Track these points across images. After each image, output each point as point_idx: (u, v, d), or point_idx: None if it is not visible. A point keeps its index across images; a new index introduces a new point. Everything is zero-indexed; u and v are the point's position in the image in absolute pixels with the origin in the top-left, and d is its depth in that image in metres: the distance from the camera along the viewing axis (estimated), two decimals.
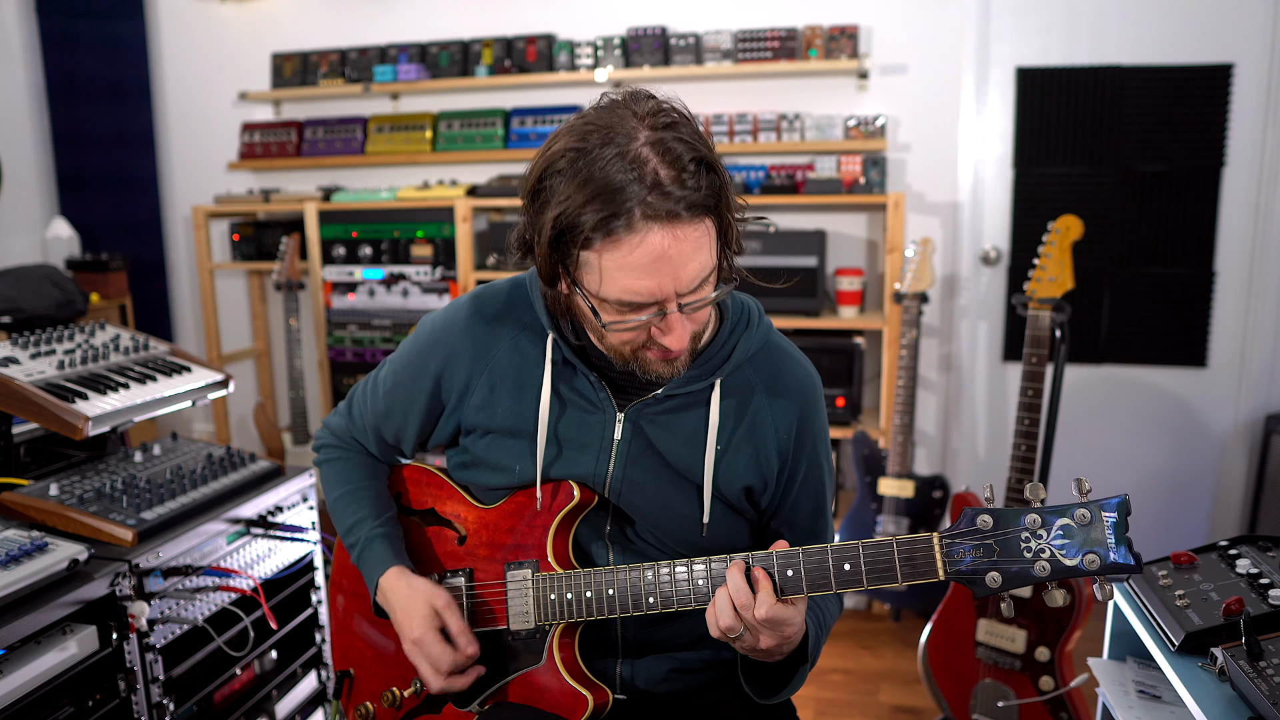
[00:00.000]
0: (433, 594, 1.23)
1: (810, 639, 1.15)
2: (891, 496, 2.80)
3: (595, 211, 0.99)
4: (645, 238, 0.99)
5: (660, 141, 1.00)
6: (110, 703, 1.43)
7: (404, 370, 1.31)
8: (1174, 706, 1.30)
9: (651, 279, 1.01)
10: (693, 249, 1.02)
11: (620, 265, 1.01)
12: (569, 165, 1.01)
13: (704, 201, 1.01)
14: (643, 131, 1.01)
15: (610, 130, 1.01)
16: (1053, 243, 2.22)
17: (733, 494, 1.21)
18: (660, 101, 1.05)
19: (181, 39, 3.83)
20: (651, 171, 0.99)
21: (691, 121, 1.06)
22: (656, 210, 0.98)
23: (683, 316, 1.05)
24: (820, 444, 1.26)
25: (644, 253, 1.00)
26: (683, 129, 1.03)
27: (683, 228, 1.00)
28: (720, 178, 1.04)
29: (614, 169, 0.99)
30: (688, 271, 1.02)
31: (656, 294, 1.03)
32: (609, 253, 1.01)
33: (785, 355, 1.25)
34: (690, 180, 1.00)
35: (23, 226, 3.89)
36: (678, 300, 1.04)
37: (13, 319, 3.10)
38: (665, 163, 1.00)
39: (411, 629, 1.21)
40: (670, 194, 0.99)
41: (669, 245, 1.00)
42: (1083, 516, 0.96)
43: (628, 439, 1.20)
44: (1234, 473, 3.15)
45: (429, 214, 3.36)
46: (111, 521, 1.49)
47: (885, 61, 3.20)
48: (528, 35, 3.39)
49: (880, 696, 2.65)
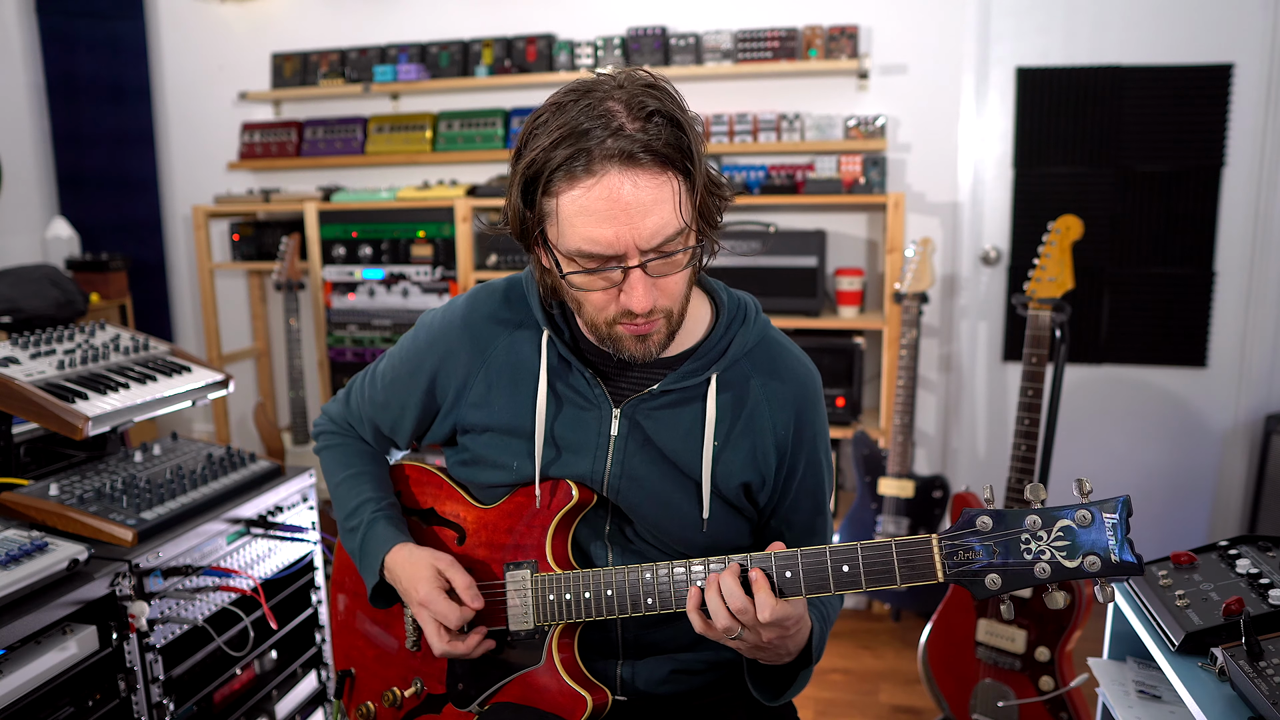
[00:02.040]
0: (436, 555, 1.23)
1: (815, 635, 1.14)
2: (891, 496, 2.80)
3: (558, 153, 1.01)
4: (602, 179, 1.00)
5: (631, 96, 1.03)
6: (110, 703, 1.43)
7: (402, 366, 1.32)
8: (1174, 706, 1.30)
9: (609, 226, 1.01)
10: (652, 199, 1.02)
11: (579, 209, 1.02)
12: (544, 122, 1.05)
13: (665, 151, 1.01)
14: (617, 91, 1.03)
15: (589, 89, 1.04)
16: (1053, 243, 2.22)
17: (731, 491, 1.21)
18: (641, 71, 1.07)
19: (181, 39, 3.83)
20: (618, 119, 1.01)
21: (669, 88, 1.07)
22: (613, 151, 1.00)
23: (645, 277, 1.05)
24: (819, 441, 1.26)
25: (600, 194, 1.01)
26: (657, 90, 1.05)
27: (641, 174, 1.01)
28: (688, 138, 1.04)
29: (582, 118, 1.01)
30: (647, 224, 1.02)
31: (615, 244, 1.02)
32: (567, 194, 1.02)
33: (783, 350, 1.25)
34: (654, 129, 1.01)
35: (23, 226, 3.90)
36: (640, 256, 1.04)
37: (13, 319, 3.10)
38: (631, 114, 1.02)
39: (417, 591, 1.20)
40: (632, 137, 1.00)
41: (626, 190, 1.00)
42: (1083, 518, 0.95)
43: (625, 435, 1.20)
44: (1234, 473, 3.15)
45: (429, 214, 3.36)
46: (111, 521, 1.49)
47: (885, 61, 3.20)
48: (528, 35, 3.39)
49: (880, 696, 2.65)
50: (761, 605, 1.02)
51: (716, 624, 1.05)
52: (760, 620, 1.02)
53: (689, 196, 1.05)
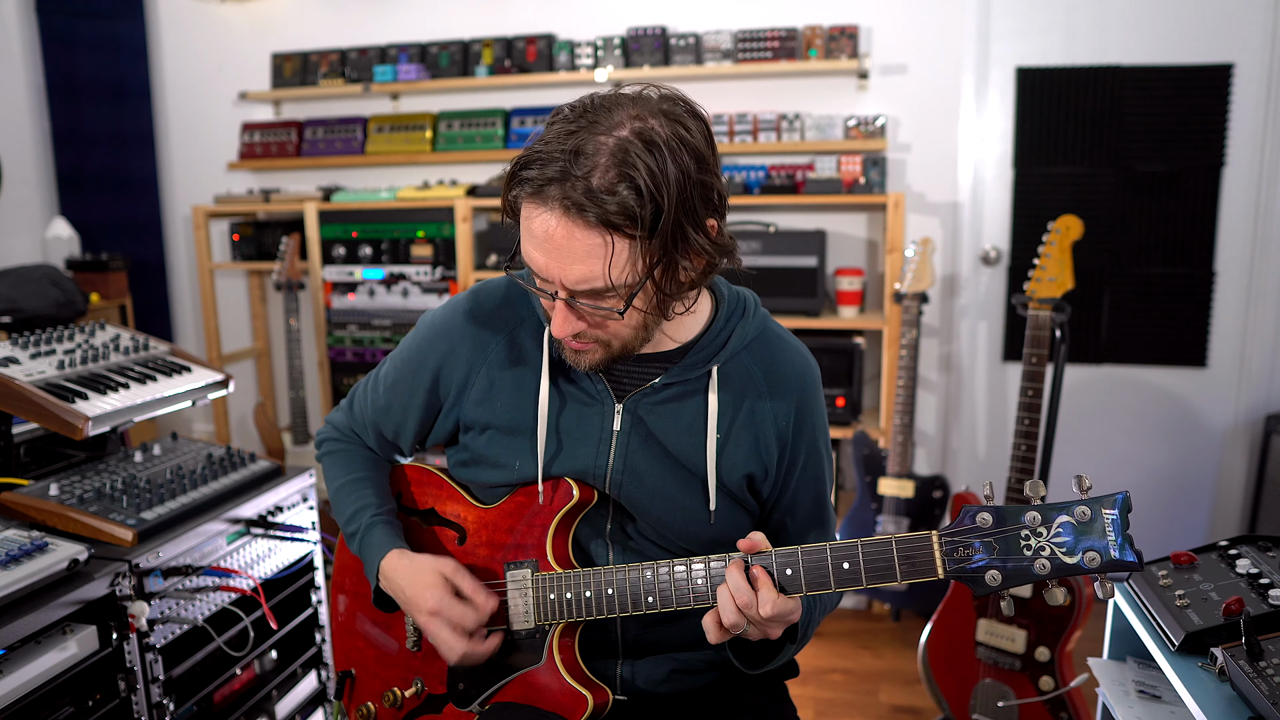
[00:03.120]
0: (438, 561, 1.22)
1: (801, 622, 1.15)
2: (891, 496, 2.80)
3: (530, 169, 1.03)
4: (546, 212, 1.02)
5: (623, 145, 1.00)
6: (110, 703, 1.43)
7: (404, 366, 1.31)
8: (1174, 706, 1.31)
9: (540, 255, 1.05)
10: (582, 252, 1.02)
11: (525, 227, 1.06)
12: (553, 123, 1.06)
13: (614, 220, 0.99)
14: (625, 129, 1.01)
15: (596, 120, 1.03)
16: (1053, 243, 2.22)
17: (734, 483, 1.21)
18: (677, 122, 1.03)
19: (181, 39, 3.83)
20: (591, 166, 1.00)
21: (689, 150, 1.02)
22: (562, 195, 1.00)
23: (564, 308, 1.07)
24: (819, 432, 1.27)
25: (540, 224, 1.03)
26: (659, 151, 1.00)
27: (579, 226, 1.01)
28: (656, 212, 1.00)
29: (568, 144, 1.01)
30: (572, 271, 1.03)
31: (544, 271, 1.06)
32: (522, 207, 1.06)
33: (783, 343, 1.26)
34: (619, 195, 0.99)
35: (23, 226, 3.89)
36: (563, 292, 1.06)
37: (13, 319, 3.10)
38: (609, 166, 1.00)
39: (425, 601, 1.19)
40: (589, 192, 0.99)
41: (559, 233, 1.02)
42: (1083, 514, 0.96)
43: (627, 430, 1.20)
44: (1234, 472, 3.15)
45: (429, 214, 3.36)
46: (111, 521, 1.49)
47: (885, 61, 3.20)
48: (528, 35, 3.39)
49: (880, 696, 2.65)
50: (763, 601, 1.04)
51: (725, 619, 1.06)
52: (761, 615, 1.04)
53: (636, 259, 1.03)
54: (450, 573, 1.21)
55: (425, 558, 1.23)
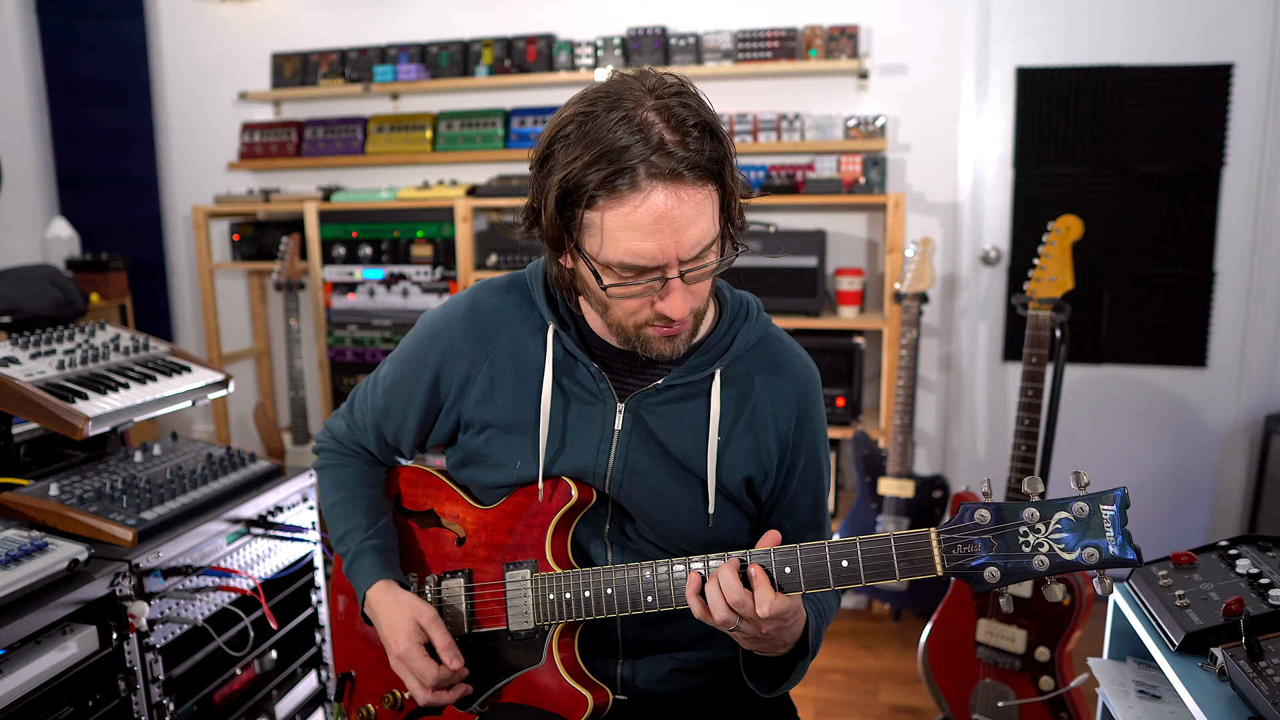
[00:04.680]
0: (418, 609, 1.23)
1: (810, 629, 1.15)
2: (891, 496, 2.80)
3: (599, 170, 1.01)
4: (649, 196, 1.01)
5: (665, 107, 1.02)
6: (110, 703, 1.43)
7: (403, 366, 1.31)
8: (1174, 706, 1.30)
9: (654, 240, 1.02)
10: (695, 212, 1.03)
11: (623, 224, 1.02)
12: (576, 129, 1.04)
13: (707, 165, 1.02)
14: (649, 99, 1.03)
15: (618, 97, 1.03)
16: (1053, 243, 2.22)
17: (733, 485, 1.21)
18: (665, 75, 1.07)
19: (181, 39, 3.83)
20: (657, 134, 1.01)
21: (697, 93, 1.07)
22: (660, 169, 1.00)
23: (683, 284, 1.06)
24: (819, 438, 1.27)
25: (647, 211, 1.01)
26: (688, 97, 1.05)
27: (686, 189, 1.01)
28: (724, 146, 1.05)
29: (620, 131, 1.01)
30: (690, 235, 1.03)
31: (658, 257, 1.04)
32: (612, 211, 1.02)
33: (784, 347, 1.27)
34: (694, 143, 1.02)
35: (23, 226, 3.90)
36: (680, 266, 1.05)
37: (13, 319, 3.10)
38: (670, 126, 1.01)
39: (396, 644, 1.21)
40: (674, 154, 1.00)
41: (672, 205, 1.01)
42: (1081, 510, 0.95)
43: (629, 429, 1.20)
44: (1234, 473, 3.15)
45: (429, 214, 3.36)
46: (111, 521, 1.49)
47: (885, 61, 3.20)
48: (528, 35, 3.39)
49: (880, 696, 2.65)
50: (760, 600, 1.03)
51: (714, 616, 1.06)
52: (759, 615, 1.03)
53: (720, 203, 1.07)
54: (426, 623, 1.21)
55: (407, 599, 1.24)
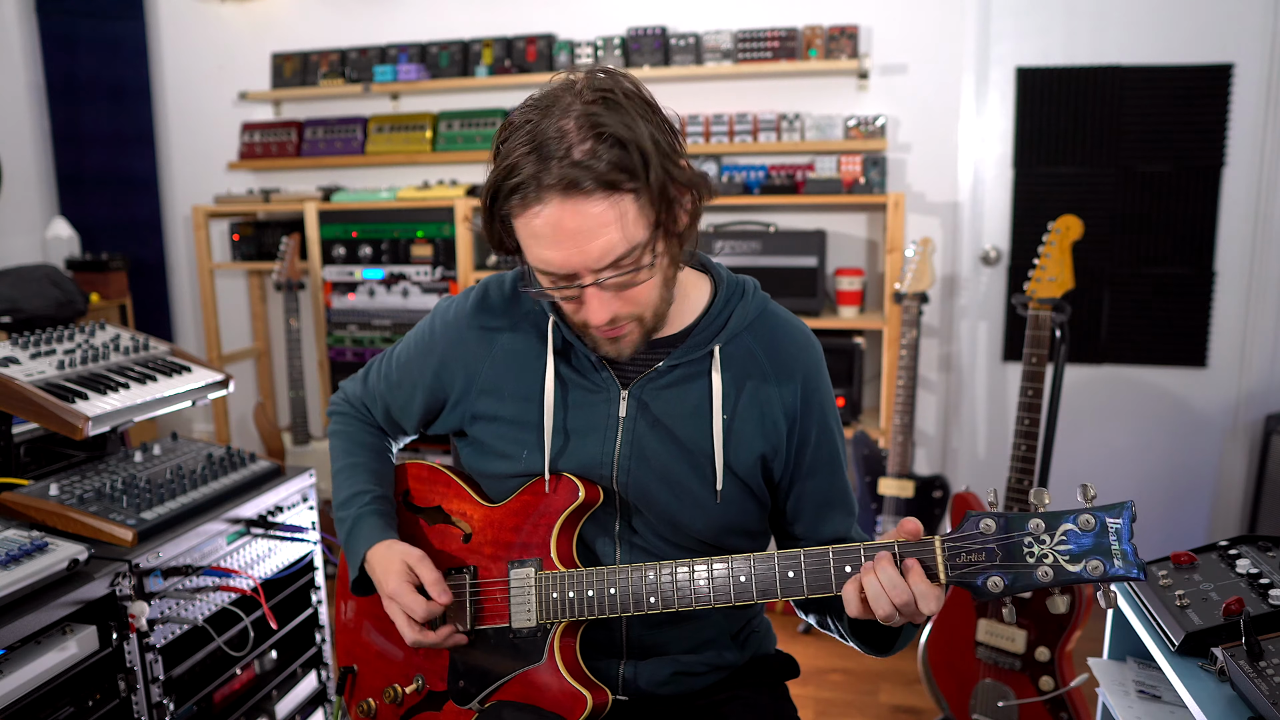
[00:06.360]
0: (406, 551, 1.24)
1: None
2: (891, 496, 2.80)
3: (510, 179, 1.03)
4: (546, 206, 1.02)
5: (586, 114, 1.02)
6: (110, 703, 1.43)
7: (415, 350, 1.34)
8: (1174, 706, 1.30)
9: (556, 250, 1.04)
10: (596, 224, 1.02)
11: (530, 233, 1.05)
12: (508, 136, 1.06)
13: (609, 176, 1.00)
14: (577, 104, 1.03)
15: (550, 105, 1.04)
16: (1053, 243, 2.22)
17: (746, 467, 1.20)
18: (613, 79, 1.06)
19: (181, 39, 3.83)
20: (566, 144, 1.01)
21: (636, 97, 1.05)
22: (554, 180, 1.00)
23: (600, 292, 1.07)
24: (829, 410, 1.26)
25: (544, 223, 1.03)
26: (618, 107, 1.02)
27: (584, 200, 1.01)
28: (637, 157, 1.02)
29: (533, 140, 1.02)
30: (593, 247, 1.03)
31: (564, 266, 1.05)
32: (520, 219, 1.05)
33: (784, 322, 1.26)
34: (604, 153, 1.00)
35: (23, 226, 3.89)
36: (593, 275, 1.05)
37: (13, 319, 3.10)
38: (583, 135, 1.01)
39: (386, 584, 1.23)
40: (578, 164, 1.00)
41: (568, 217, 1.01)
42: (1087, 523, 0.95)
43: (633, 416, 1.20)
44: (1234, 473, 3.15)
45: (429, 214, 3.36)
46: (111, 521, 1.49)
47: (885, 61, 3.20)
48: (528, 35, 3.39)
49: (880, 696, 2.65)
50: (923, 596, 0.99)
51: (877, 613, 1.01)
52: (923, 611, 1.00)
53: (643, 212, 1.04)
54: (414, 562, 1.23)
55: (400, 546, 1.26)
